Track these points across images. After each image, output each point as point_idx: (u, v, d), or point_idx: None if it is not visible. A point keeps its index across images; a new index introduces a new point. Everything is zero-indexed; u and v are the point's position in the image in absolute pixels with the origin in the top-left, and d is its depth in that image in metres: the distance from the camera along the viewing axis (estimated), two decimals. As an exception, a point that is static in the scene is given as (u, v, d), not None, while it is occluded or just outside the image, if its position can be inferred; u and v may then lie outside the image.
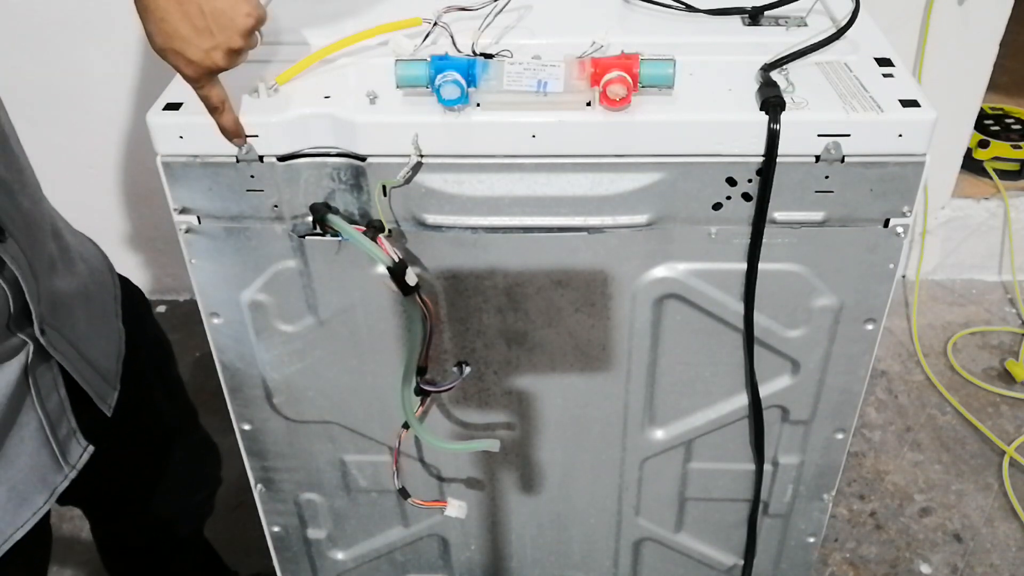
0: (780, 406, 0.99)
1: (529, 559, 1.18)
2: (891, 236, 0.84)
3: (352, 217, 0.84)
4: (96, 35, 1.70)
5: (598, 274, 0.88)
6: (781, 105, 0.77)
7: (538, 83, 0.77)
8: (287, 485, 1.09)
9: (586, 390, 0.98)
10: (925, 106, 0.78)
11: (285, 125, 0.79)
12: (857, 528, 1.50)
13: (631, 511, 1.10)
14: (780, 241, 0.85)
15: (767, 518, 1.11)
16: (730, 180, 0.81)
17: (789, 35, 0.90)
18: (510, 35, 0.90)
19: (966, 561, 1.45)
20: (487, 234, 0.85)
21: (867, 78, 0.82)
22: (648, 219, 0.84)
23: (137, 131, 1.83)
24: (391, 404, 0.98)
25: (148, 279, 2.03)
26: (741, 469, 1.05)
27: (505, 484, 1.08)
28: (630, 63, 0.77)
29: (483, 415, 1.01)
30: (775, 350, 0.94)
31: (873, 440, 1.66)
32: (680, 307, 0.91)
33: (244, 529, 1.49)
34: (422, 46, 0.85)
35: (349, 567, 1.19)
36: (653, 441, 1.02)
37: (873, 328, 0.91)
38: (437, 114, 0.78)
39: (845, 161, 0.79)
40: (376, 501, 1.11)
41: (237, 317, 0.92)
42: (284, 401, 1.00)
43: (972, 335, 1.90)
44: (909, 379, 1.79)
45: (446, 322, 0.92)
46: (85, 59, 1.73)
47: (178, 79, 0.85)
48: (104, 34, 1.69)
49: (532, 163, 0.81)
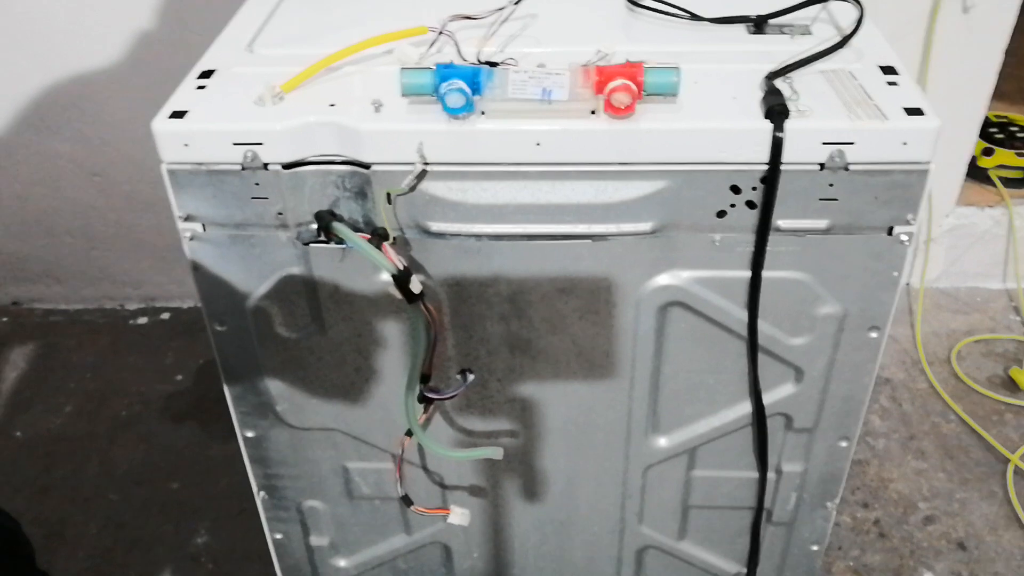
0: (784, 414, 0.99)
1: (532, 567, 1.17)
2: (895, 244, 0.84)
3: (357, 225, 0.84)
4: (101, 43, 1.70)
5: (602, 282, 0.88)
6: (785, 113, 0.77)
7: (543, 91, 0.77)
8: (290, 492, 1.09)
9: (590, 397, 0.98)
10: (929, 114, 0.78)
11: (290, 133, 0.80)
12: (861, 536, 1.50)
13: (634, 519, 1.10)
14: (784, 249, 0.85)
15: (771, 526, 1.10)
16: (734, 188, 0.81)
17: (793, 43, 0.90)
18: (515, 43, 0.90)
19: (970, 570, 1.44)
20: (491, 242, 0.85)
21: (871, 86, 0.82)
22: (652, 227, 0.84)
23: (142, 139, 1.84)
24: (394, 411, 0.98)
25: (152, 286, 2.04)
26: (744, 477, 1.05)
27: (508, 491, 1.08)
28: (634, 71, 0.77)
29: (486, 422, 1.01)
30: (779, 358, 0.93)
31: (877, 448, 1.66)
32: (684, 315, 0.90)
33: (245, 537, 1.49)
34: (427, 54, 0.85)
35: (351, 574, 1.18)
36: (656, 449, 1.02)
37: (877, 336, 0.91)
38: (442, 122, 0.78)
39: (849, 169, 0.79)
40: (379, 508, 1.11)
41: (241, 324, 0.92)
42: (287, 408, 1.00)
43: (976, 343, 1.89)
44: (913, 387, 1.79)
45: (450, 329, 0.92)
46: (90, 67, 1.73)
47: (183, 87, 0.86)
48: (109, 42, 1.70)
49: (536, 171, 0.81)
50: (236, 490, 1.57)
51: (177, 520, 1.53)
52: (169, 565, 1.46)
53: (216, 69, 0.88)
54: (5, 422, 1.73)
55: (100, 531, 1.51)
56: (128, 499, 1.57)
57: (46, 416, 1.75)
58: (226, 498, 1.56)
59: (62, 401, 1.78)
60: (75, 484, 1.60)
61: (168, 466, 1.63)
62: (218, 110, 0.82)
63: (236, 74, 0.87)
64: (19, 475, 1.62)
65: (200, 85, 0.86)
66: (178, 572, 1.45)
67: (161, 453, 1.66)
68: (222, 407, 1.01)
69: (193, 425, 1.71)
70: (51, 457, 1.66)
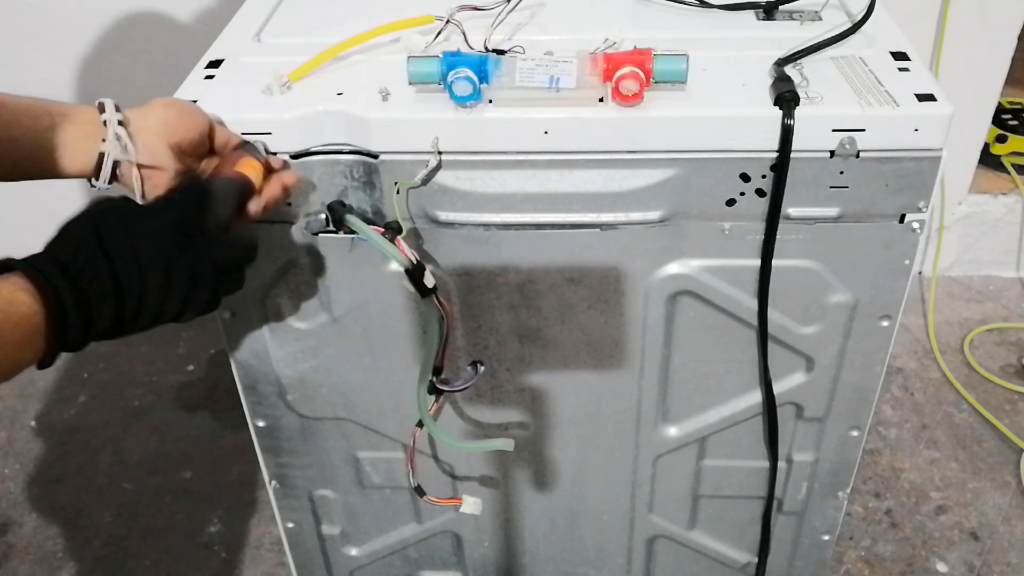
0: (794, 403, 0.98)
1: (542, 556, 1.18)
2: (907, 232, 0.84)
3: (365, 214, 0.84)
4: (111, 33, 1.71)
5: (611, 271, 0.88)
6: (795, 100, 0.77)
7: (550, 79, 0.77)
8: (301, 481, 1.10)
9: (599, 387, 0.97)
10: (941, 100, 0.78)
11: (298, 122, 0.80)
12: (872, 526, 1.49)
13: (644, 508, 1.10)
14: (794, 237, 0.85)
15: (781, 515, 1.10)
16: (744, 176, 0.81)
17: (803, 30, 0.89)
18: (522, 31, 0.90)
19: (983, 559, 1.44)
20: (500, 231, 0.85)
21: (883, 72, 0.82)
22: (661, 215, 0.84)
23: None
24: (404, 401, 0.98)
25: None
26: (755, 466, 1.05)
27: (518, 481, 1.08)
28: (643, 58, 0.76)
29: (496, 412, 1.01)
30: (789, 347, 0.93)
31: (889, 437, 1.65)
32: (693, 304, 0.90)
33: (258, 525, 1.50)
34: (434, 43, 0.85)
35: (363, 563, 1.19)
36: (666, 438, 1.02)
37: (889, 325, 0.90)
38: (449, 111, 0.78)
39: (860, 156, 0.79)
40: (389, 497, 1.11)
41: (251, 314, 0.93)
42: (298, 398, 1.00)
43: (989, 332, 1.88)
44: (925, 376, 1.78)
45: (459, 319, 0.92)
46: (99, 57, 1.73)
47: (191, 78, 0.86)
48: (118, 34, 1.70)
49: (545, 159, 0.81)
50: (248, 479, 1.58)
51: (190, 509, 1.54)
52: (182, 553, 1.47)
53: (224, 59, 0.88)
54: (19, 412, 1.75)
55: (114, 520, 1.53)
56: (141, 488, 1.58)
57: (60, 406, 1.76)
58: (238, 487, 1.57)
59: (76, 391, 1.79)
60: (89, 473, 1.61)
61: (181, 455, 1.64)
62: (226, 100, 0.82)
63: (244, 64, 0.87)
64: (33, 464, 1.64)
65: (208, 75, 0.86)
66: (191, 560, 1.46)
67: (174, 443, 1.67)
68: (234, 397, 1.02)
69: (205, 415, 1.73)
70: (65, 446, 1.67)
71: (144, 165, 0.71)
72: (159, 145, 0.71)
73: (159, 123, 0.72)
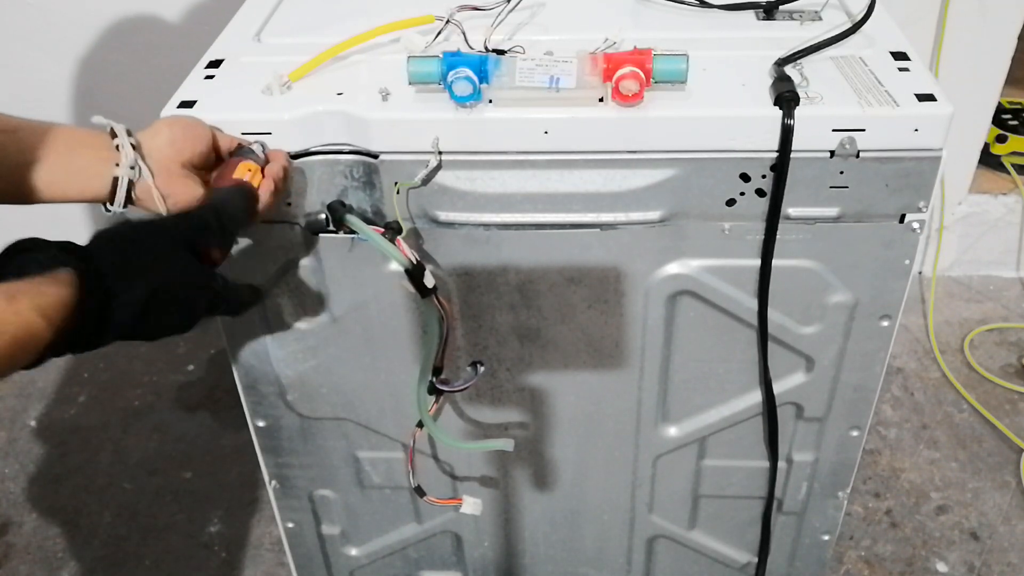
0: (794, 403, 0.98)
1: (542, 556, 1.18)
2: (907, 232, 0.84)
3: (365, 214, 0.84)
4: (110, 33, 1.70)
5: (611, 271, 0.88)
6: (795, 100, 0.77)
7: (550, 79, 0.77)
8: (301, 481, 1.10)
9: (599, 387, 0.97)
10: (941, 100, 0.78)
11: (298, 122, 0.80)
12: (872, 526, 1.49)
13: (644, 508, 1.10)
14: (794, 237, 0.85)
15: (781, 515, 1.10)
16: (744, 176, 0.81)
17: (803, 30, 0.89)
18: (522, 31, 0.90)
19: (983, 560, 1.43)
20: (500, 231, 0.85)
21: (883, 72, 0.82)
22: (661, 215, 0.84)
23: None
24: (404, 401, 0.98)
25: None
26: (755, 466, 1.05)
27: (518, 481, 1.08)
28: (643, 58, 0.76)
29: (496, 412, 1.01)
30: (789, 347, 0.93)
31: (889, 437, 1.65)
32: (693, 304, 0.90)
33: (258, 525, 1.50)
34: (434, 43, 0.85)
35: (363, 563, 1.19)
36: (666, 438, 1.02)
37: (888, 324, 0.90)
38: (449, 111, 0.78)
39: (860, 156, 0.79)
40: (389, 497, 1.11)
41: (251, 314, 0.93)
42: (298, 398, 1.00)
43: (989, 332, 1.88)
44: (925, 376, 1.78)
45: (459, 319, 0.92)
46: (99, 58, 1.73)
47: (191, 78, 0.86)
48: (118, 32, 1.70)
49: (545, 159, 0.81)
50: (248, 479, 1.58)
51: (190, 509, 1.54)
52: (182, 553, 1.47)
53: (224, 59, 0.88)
54: (20, 412, 1.75)
55: (114, 520, 1.53)
56: (141, 488, 1.58)
57: (60, 406, 1.76)
58: (238, 487, 1.57)
59: (76, 391, 1.79)
60: (89, 473, 1.61)
61: (181, 455, 1.64)
62: (226, 100, 0.82)
63: (244, 64, 0.87)
64: (34, 464, 1.64)
65: (208, 75, 0.86)
66: (191, 560, 1.46)
67: (174, 443, 1.67)
68: (234, 397, 1.02)
69: (205, 415, 1.73)
70: (65, 446, 1.67)
71: (160, 185, 0.72)
72: (171, 164, 0.73)
73: (167, 143, 0.73)
